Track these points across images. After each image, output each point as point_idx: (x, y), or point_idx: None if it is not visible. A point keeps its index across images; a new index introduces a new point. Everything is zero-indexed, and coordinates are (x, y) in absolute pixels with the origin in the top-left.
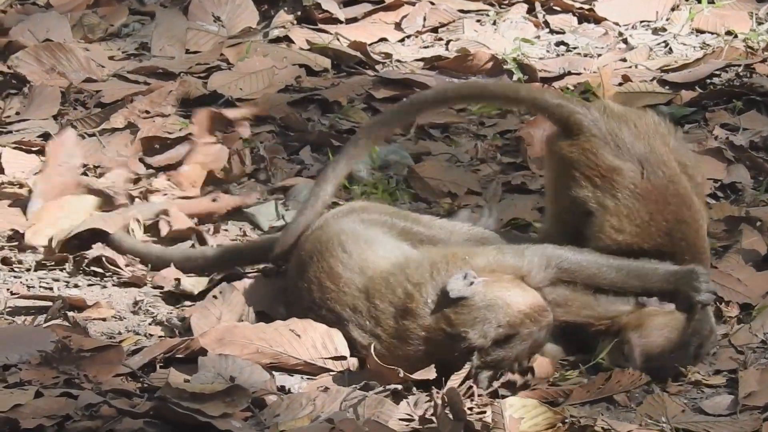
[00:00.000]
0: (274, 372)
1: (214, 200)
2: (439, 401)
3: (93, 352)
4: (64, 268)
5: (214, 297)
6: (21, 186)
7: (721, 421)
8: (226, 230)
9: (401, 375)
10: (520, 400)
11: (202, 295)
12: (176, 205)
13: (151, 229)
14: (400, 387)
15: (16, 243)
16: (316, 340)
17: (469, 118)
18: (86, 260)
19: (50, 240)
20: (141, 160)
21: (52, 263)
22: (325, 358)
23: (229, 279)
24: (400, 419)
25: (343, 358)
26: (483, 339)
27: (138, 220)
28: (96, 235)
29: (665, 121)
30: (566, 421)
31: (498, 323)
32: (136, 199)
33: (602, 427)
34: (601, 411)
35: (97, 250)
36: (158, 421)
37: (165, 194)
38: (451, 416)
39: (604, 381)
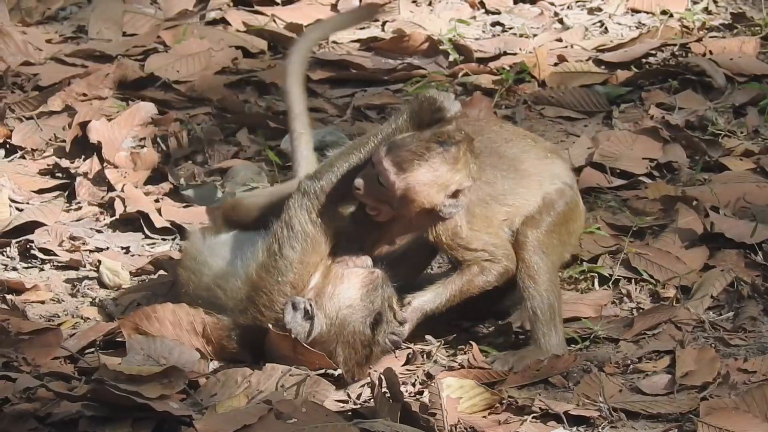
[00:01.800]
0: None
1: (157, 200)
2: (377, 382)
3: (31, 335)
4: (5, 252)
5: None
6: None
7: (659, 401)
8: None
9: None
10: (457, 381)
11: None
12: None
13: (104, 206)
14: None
15: None
16: None
17: (405, 98)
18: (30, 245)
19: None
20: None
21: None
22: None
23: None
24: (336, 400)
25: None
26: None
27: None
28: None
29: None
30: (503, 402)
31: (357, 326)
32: (78, 178)
33: (539, 407)
34: (539, 392)
35: (40, 236)
36: (96, 403)
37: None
38: (388, 397)
39: (539, 364)
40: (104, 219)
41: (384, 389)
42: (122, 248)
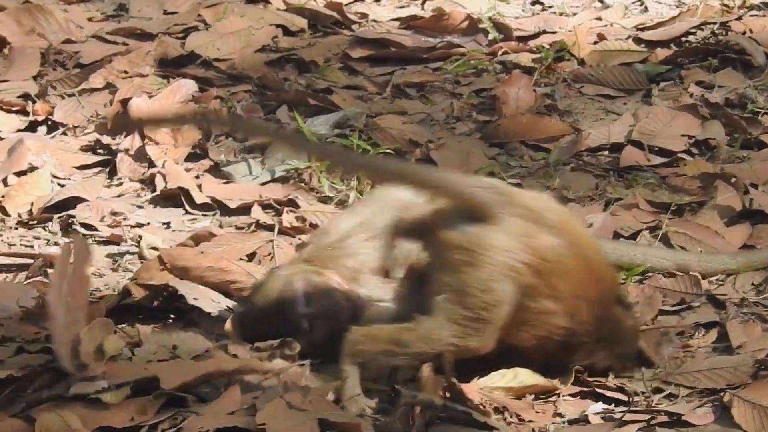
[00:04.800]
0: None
1: (197, 177)
2: None
3: None
4: (47, 227)
5: None
6: None
7: (700, 375)
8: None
9: None
10: None
11: None
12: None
13: (145, 182)
14: None
15: None
16: None
17: (444, 77)
18: (71, 220)
19: (31, 204)
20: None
21: (34, 222)
22: None
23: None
24: None
25: None
26: None
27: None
28: (76, 199)
29: None
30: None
31: None
32: (120, 154)
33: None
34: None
35: (81, 211)
36: None
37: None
38: None
39: None
40: (145, 195)
41: None
42: (163, 224)
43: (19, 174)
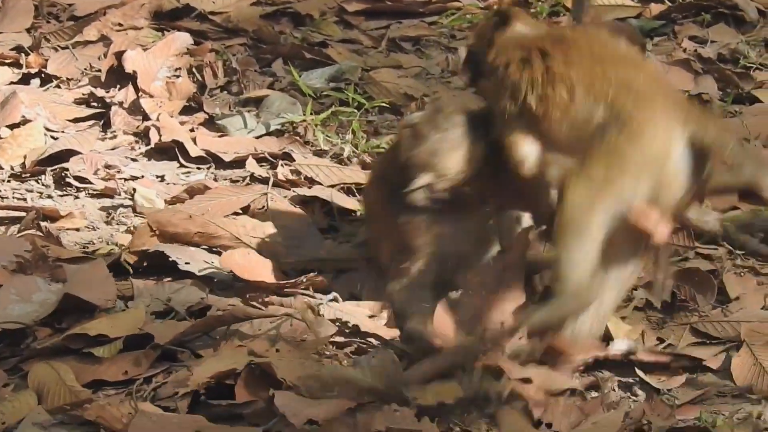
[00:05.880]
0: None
1: (192, 130)
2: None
3: (70, 262)
4: (40, 180)
5: None
6: None
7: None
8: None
9: None
10: None
11: None
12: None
13: (139, 135)
14: None
15: None
16: None
17: (440, 31)
18: (65, 173)
19: (24, 157)
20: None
21: (27, 175)
22: None
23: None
24: None
25: None
26: None
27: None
28: (69, 152)
29: None
30: None
31: None
32: (114, 107)
33: None
34: None
35: (75, 164)
36: None
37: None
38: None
39: None
40: (139, 148)
41: None
42: (157, 177)
43: (11, 127)
